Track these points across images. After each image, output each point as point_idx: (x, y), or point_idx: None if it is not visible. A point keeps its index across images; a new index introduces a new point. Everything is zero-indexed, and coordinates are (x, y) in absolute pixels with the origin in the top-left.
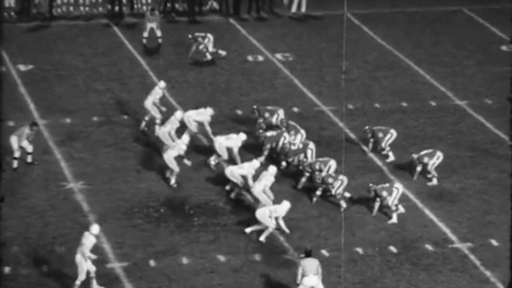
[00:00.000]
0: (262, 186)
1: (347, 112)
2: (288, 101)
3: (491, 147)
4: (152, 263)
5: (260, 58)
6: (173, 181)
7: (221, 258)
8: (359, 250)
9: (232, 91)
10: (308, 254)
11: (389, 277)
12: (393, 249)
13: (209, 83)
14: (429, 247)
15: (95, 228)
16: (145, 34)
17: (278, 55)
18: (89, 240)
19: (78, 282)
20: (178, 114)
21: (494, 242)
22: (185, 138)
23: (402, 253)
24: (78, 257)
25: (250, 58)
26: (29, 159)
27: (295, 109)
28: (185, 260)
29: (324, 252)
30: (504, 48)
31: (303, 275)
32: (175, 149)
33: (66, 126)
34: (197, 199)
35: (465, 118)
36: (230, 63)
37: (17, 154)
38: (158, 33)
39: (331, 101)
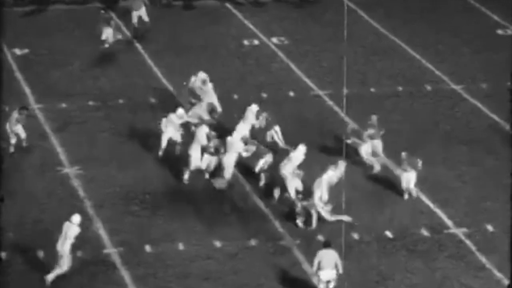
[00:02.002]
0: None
1: (343, 96)
2: (284, 85)
3: (487, 133)
4: (148, 249)
5: (256, 42)
6: (186, 176)
7: (217, 244)
8: (355, 236)
9: (228, 76)
10: (327, 246)
11: (384, 263)
12: (389, 234)
13: (205, 67)
14: (425, 233)
15: (76, 218)
16: (134, 20)
17: (274, 39)
18: (72, 230)
19: (59, 272)
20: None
21: (490, 228)
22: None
23: (398, 239)
24: (63, 248)
25: (246, 42)
26: (24, 143)
27: (291, 94)
28: (181, 246)
29: (320, 237)
30: (500, 32)
31: (319, 268)
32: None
33: (62, 111)
34: (193, 187)
35: (461, 102)
36: (226, 48)
37: (12, 140)
38: (146, 18)
39: (327, 86)
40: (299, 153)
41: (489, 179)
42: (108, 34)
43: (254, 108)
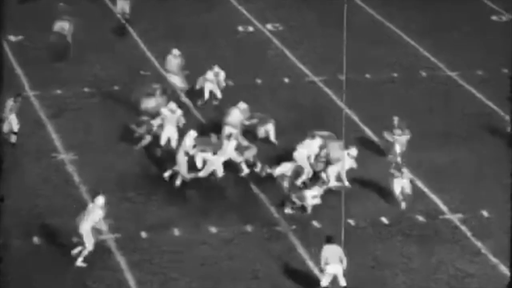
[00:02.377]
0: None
1: (338, 83)
2: (279, 72)
3: (483, 119)
4: (144, 235)
5: (251, 29)
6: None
7: (213, 229)
8: (351, 221)
9: (222, 62)
10: (329, 241)
11: (380, 248)
12: (384, 220)
13: (200, 54)
14: (420, 218)
15: (100, 200)
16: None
17: (269, 26)
18: (95, 213)
19: (85, 252)
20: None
21: (485, 213)
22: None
23: (394, 224)
24: (83, 229)
25: (240, 28)
26: (13, 138)
27: (286, 80)
28: (176, 232)
29: (315, 223)
30: (494, 18)
31: (326, 263)
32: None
33: (57, 97)
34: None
35: (456, 89)
36: (221, 34)
37: (5, 128)
38: (127, 9)
39: (322, 72)
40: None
41: (484, 165)
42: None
43: (242, 105)
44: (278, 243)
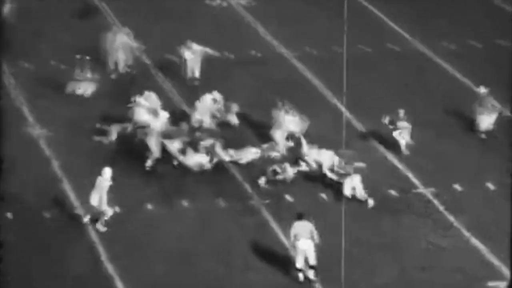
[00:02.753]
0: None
1: (310, 58)
2: (252, 47)
3: (457, 95)
4: (117, 209)
5: (224, 4)
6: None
7: (186, 204)
8: (323, 195)
9: (194, 37)
10: (300, 217)
11: (353, 222)
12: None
13: (171, 30)
14: (393, 192)
15: (107, 172)
16: None
17: (242, 1)
18: (103, 184)
19: (104, 218)
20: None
21: (458, 187)
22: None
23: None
24: (95, 201)
25: (213, 3)
26: None
27: (258, 54)
28: (149, 206)
29: (288, 197)
30: None
31: (296, 239)
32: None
33: (28, 71)
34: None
35: (430, 64)
36: (193, 9)
37: None
38: None
39: (295, 47)
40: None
41: (457, 139)
42: None
43: (215, 95)
44: (252, 218)
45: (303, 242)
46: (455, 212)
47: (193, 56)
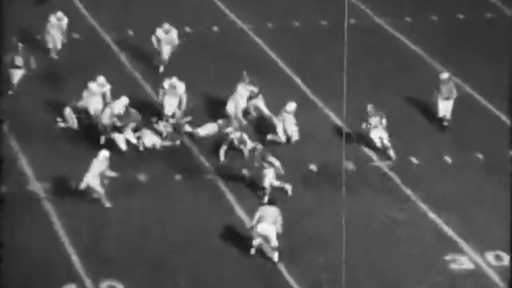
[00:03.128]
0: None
1: (267, 31)
2: (209, 20)
3: (412, 64)
4: (73, 184)
5: None
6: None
7: (142, 178)
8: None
9: (150, 12)
10: (270, 203)
11: (309, 197)
12: (313, 168)
13: (125, 6)
14: (349, 166)
15: (102, 154)
16: None
17: None
18: (97, 166)
19: (101, 195)
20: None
21: (414, 160)
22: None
23: (322, 172)
24: (88, 181)
25: None
26: None
27: (215, 28)
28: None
29: (244, 171)
30: None
31: (258, 221)
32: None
33: None
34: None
35: (387, 37)
36: None
37: None
38: None
39: (252, 20)
40: None
41: (412, 110)
42: None
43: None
44: (207, 191)
45: (265, 227)
46: (411, 185)
47: (166, 37)
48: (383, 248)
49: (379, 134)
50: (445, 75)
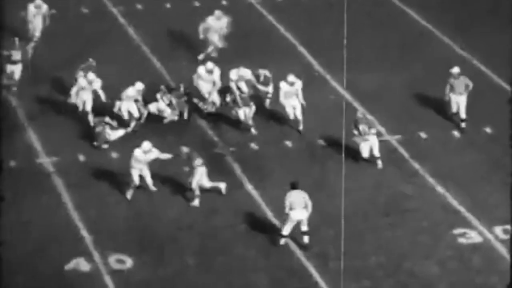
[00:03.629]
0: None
1: (274, 3)
2: None
3: (419, 40)
4: (81, 158)
5: None
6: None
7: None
8: (288, 143)
9: None
10: (294, 187)
11: (317, 170)
12: (321, 142)
13: None
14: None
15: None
16: None
17: None
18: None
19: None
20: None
21: (423, 135)
22: None
23: (329, 146)
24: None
25: None
26: None
27: (224, 2)
28: (114, 155)
29: (253, 145)
30: None
31: (291, 208)
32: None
33: None
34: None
35: (391, 8)
36: None
37: None
38: None
39: None
40: None
41: (420, 86)
42: None
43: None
44: (217, 165)
45: (298, 212)
46: (419, 160)
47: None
48: (390, 222)
49: (369, 143)
50: (456, 69)
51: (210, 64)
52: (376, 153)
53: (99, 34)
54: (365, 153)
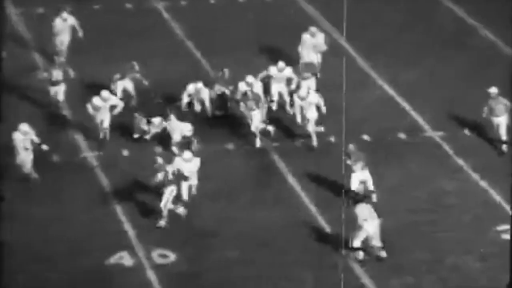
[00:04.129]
0: None
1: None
2: None
3: (462, 37)
4: (125, 153)
5: None
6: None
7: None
8: (332, 139)
9: None
10: (361, 200)
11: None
12: (366, 137)
13: None
14: (402, 136)
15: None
16: None
17: None
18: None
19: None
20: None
21: (466, 132)
22: None
23: (375, 141)
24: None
25: None
26: None
27: None
28: (159, 150)
29: (296, 143)
30: None
31: (364, 219)
32: None
33: None
34: None
35: (435, 4)
36: None
37: None
38: None
39: None
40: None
41: (464, 82)
42: None
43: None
44: (260, 159)
45: (371, 224)
46: (463, 156)
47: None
48: (433, 217)
49: (361, 177)
50: (493, 90)
51: (281, 64)
52: (370, 186)
53: (143, 30)
54: (353, 186)
